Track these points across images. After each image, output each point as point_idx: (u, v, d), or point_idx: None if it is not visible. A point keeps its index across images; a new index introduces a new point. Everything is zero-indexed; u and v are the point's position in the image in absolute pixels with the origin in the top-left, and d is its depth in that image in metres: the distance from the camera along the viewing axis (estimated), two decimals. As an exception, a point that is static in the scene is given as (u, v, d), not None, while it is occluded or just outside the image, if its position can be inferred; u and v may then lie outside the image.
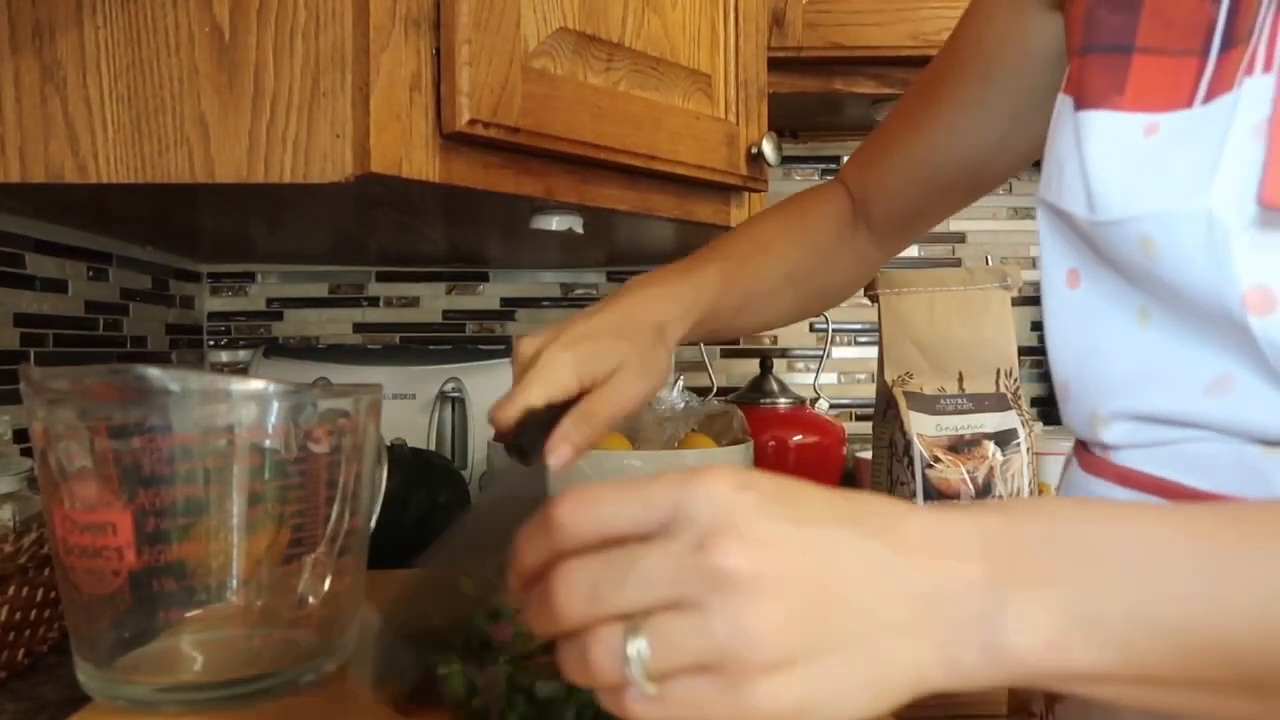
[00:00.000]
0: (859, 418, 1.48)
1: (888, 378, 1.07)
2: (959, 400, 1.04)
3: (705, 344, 1.43)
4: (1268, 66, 0.42)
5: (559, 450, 0.54)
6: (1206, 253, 0.43)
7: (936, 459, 0.99)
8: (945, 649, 0.32)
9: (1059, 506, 0.35)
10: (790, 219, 0.74)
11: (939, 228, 1.49)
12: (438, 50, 0.69)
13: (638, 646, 0.30)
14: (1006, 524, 0.34)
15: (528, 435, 0.54)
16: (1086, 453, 0.56)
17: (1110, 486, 0.52)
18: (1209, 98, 0.45)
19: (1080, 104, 0.49)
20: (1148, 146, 0.46)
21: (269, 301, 1.43)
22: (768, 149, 0.92)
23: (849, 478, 1.29)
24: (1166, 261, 0.45)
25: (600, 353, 0.57)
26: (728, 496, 0.31)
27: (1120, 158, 0.47)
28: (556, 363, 0.56)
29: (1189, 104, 0.45)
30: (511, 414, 0.54)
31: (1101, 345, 0.51)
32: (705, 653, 0.30)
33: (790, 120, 1.39)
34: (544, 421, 0.54)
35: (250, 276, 1.43)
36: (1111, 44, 0.48)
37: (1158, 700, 0.34)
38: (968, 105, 0.67)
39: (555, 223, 0.89)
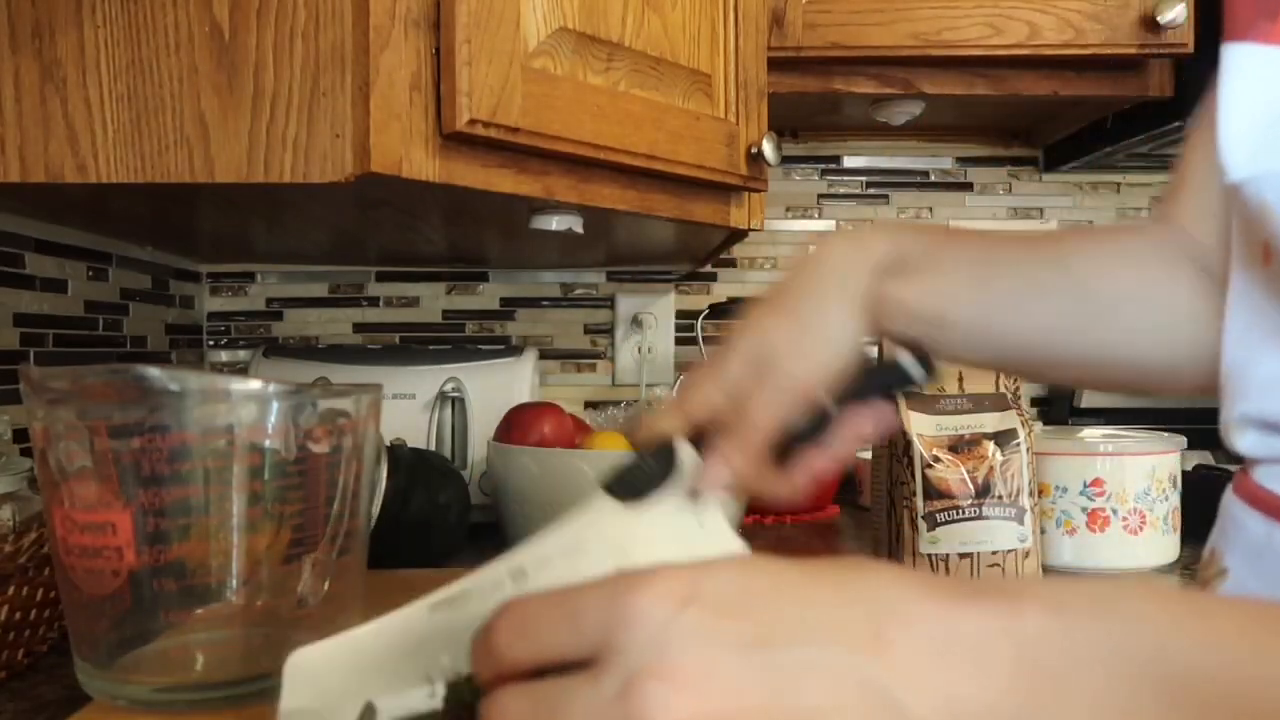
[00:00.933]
0: (859, 418, 1.48)
1: (887, 378, 1.06)
2: (958, 400, 1.04)
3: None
4: None
5: (712, 476, 0.44)
6: None
7: (936, 459, 0.99)
8: None
9: (1120, 601, 0.27)
10: (1088, 232, 0.59)
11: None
12: (437, 50, 0.69)
13: None
14: (1048, 626, 0.27)
15: (645, 467, 0.45)
16: (1242, 472, 0.47)
17: (1243, 507, 0.45)
18: None
19: (1227, 33, 0.41)
20: None
21: (269, 301, 1.43)
22: (768, 149, 0.92)
23: (849, 478, 1.29)
24: None
25: (742, 342, 0.47)
26: (662, 620, 0.27)
27: (1260, 103, 0.38)
28: (698, 379, 0.47)
29: None
30: (636, 438, 0.46)
31: (1269, 336, 0.42)
32: None
33: (790, 120, 1.39)
34: (664, 453, 0.45)
35: (250, 276, 1.42)
36: None
37: None
38: None
39: (555, 223, 0.89)
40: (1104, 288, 0.52)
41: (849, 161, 1.49)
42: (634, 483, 0.44)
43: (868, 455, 1.21)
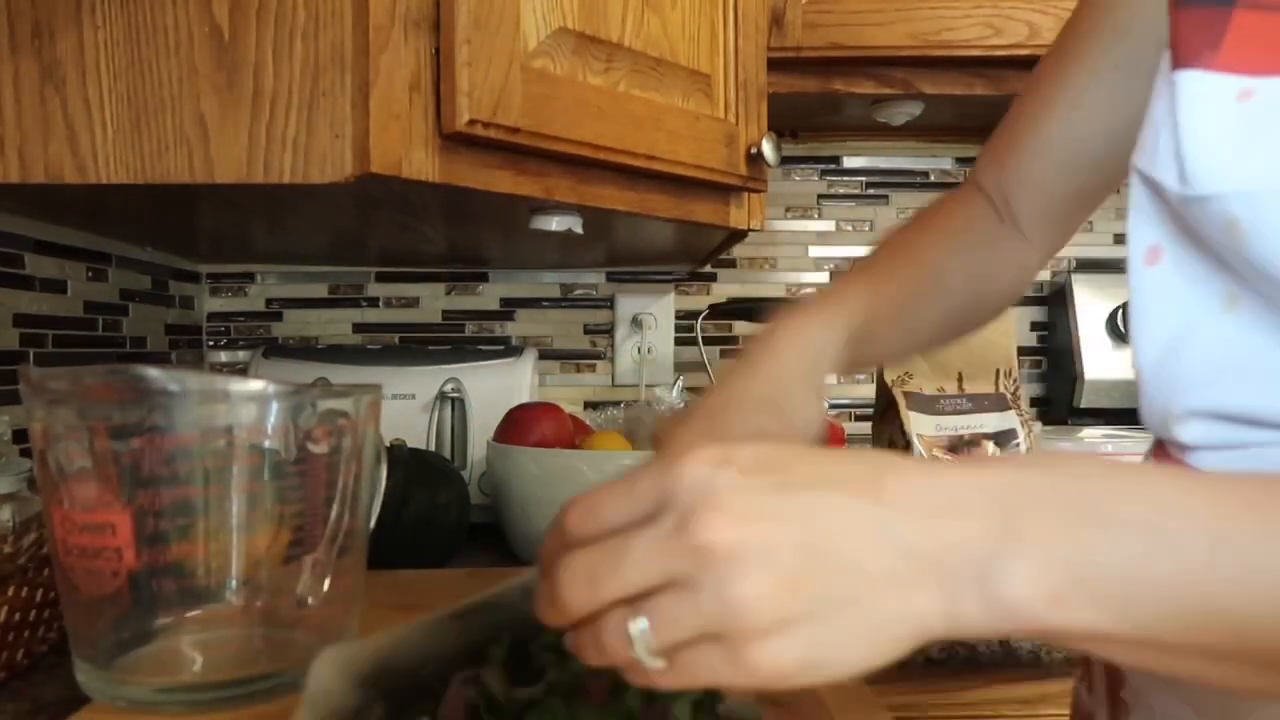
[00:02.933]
0: (859, 418, 1.48)
1: (887, 378, 1.07)
2: (958, 400, 1.04)
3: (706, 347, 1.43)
4: None
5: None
6: None
7: (935, 459, 0.99)
8: (943, 600, 0.32)
9: (1072, 462, 0.35)
10: (933, 223, 0.68)
11: (938, 228, 1.49)
12: (437, 50, 0.69)
13: (639, 627, 0.32)
14: (1012, 477, 0.34)
15: None
16: (1163, 452, 0.51)
17: None
18: None
19: (1175, 62, 0.45)
20: (1240, 114, 0.42)
21: (268, 302, 1.43)
22: (767, 149, 0.92)
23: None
24: (1254, 246, 0.41)
25: (737, 426, 0.52)
26: (706, 474, 0.33)
27: (1211, 125, 0.42)
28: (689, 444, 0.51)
29: None
30: None
31: (1182, 331, 0.47)
32: (702, 625, 0.32)
33: (790, 120, 1.39)
34: None
35: (250, 277, 1.42)
36: None
37: (1160, 664, 0.34)
38: (1100, 70, 0.59)
39: (555, 223, 0.89)
40: (958, 283, 0.65)
41: (849, 162, 1.49)
42: None
43: (867, 455, 1.21)
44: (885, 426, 1.08)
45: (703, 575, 0.31)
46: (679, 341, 1.46)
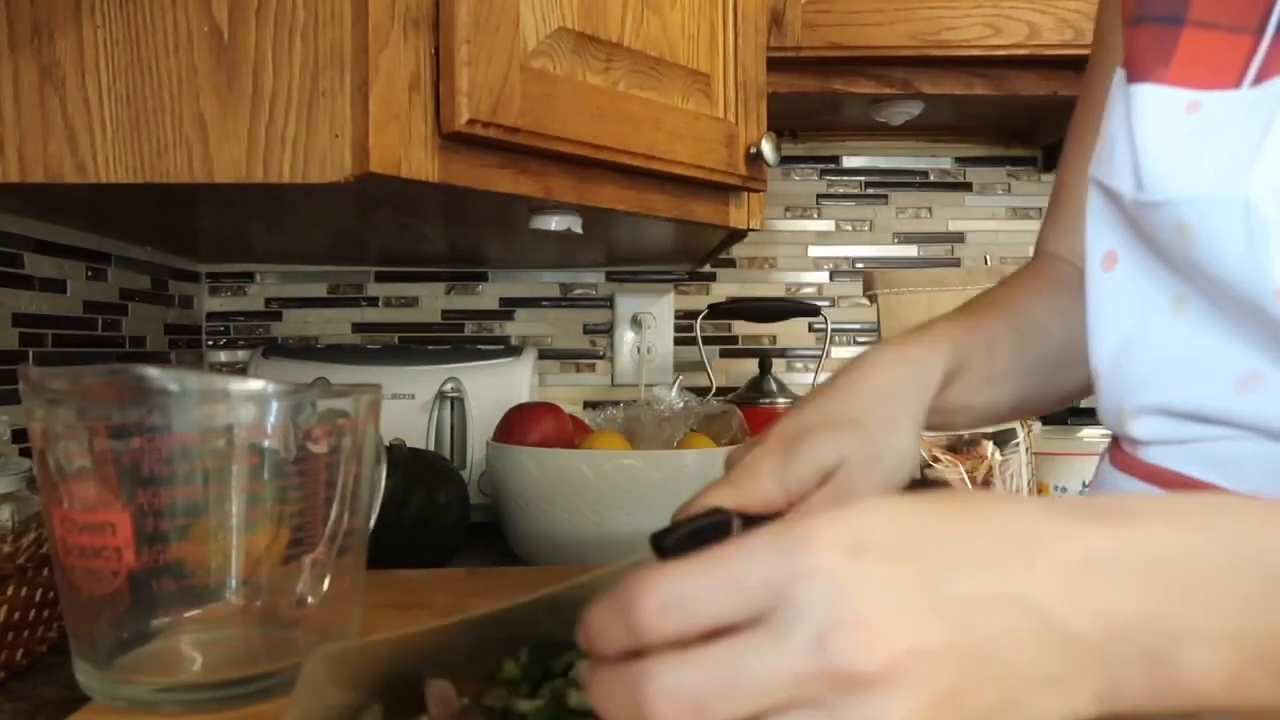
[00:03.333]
0: (858, 417, 1.48)
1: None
2: (958, 400, 1.04)
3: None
4: None
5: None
6: (1243, 243, 0.40)
7: (935, 459, 0.99)
8: (1104, 688, 0.29)
9: (1219, 509, 0.31)
10: (1018, 280, 0.64)
11: (938, 228, 1.49)
12: (437, 50, 0.69)
13: None
14: (1169, 539, 0.30)
15: (697, 529, 0.42)
16: (1119, 449, 0.53)
17: (1140, 485, 0.50)
18: (1260, 79, 0.42)
19: (1130, 77, 0.47)
20: (1189, 125, 0.43)
21: (268, 301, 1.43)
22: (767, 149, 0.92)
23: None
24: (1202, 249, 0.42)
25: (813, 451, 0.47)
26: (841, 574, 0.27)
27: (1164, 135, 0.44)
28: (757, 470, 0.46)
29: (1237, 84, 0.43)
30: (685, 512, 0.45)
31: (1134, 333, 0.48)
32: None
33: (789, 120, 1.39)
34: (715, 527, 0.42)
35: (249, 276, 1.42)
36: (1163, 15, 0.46)
37: None
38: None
39: (554, 223, 0.89)
40: (1055, 329, 0.61)
41: (848, 161, 1.49)
42: (683, 545, 0.40)
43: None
44: (885, 426, 1.08)
45: (849, 705, 0.26)
46: (678, 341, 1.46)
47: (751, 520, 0.40)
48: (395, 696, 0.44)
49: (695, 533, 0.40)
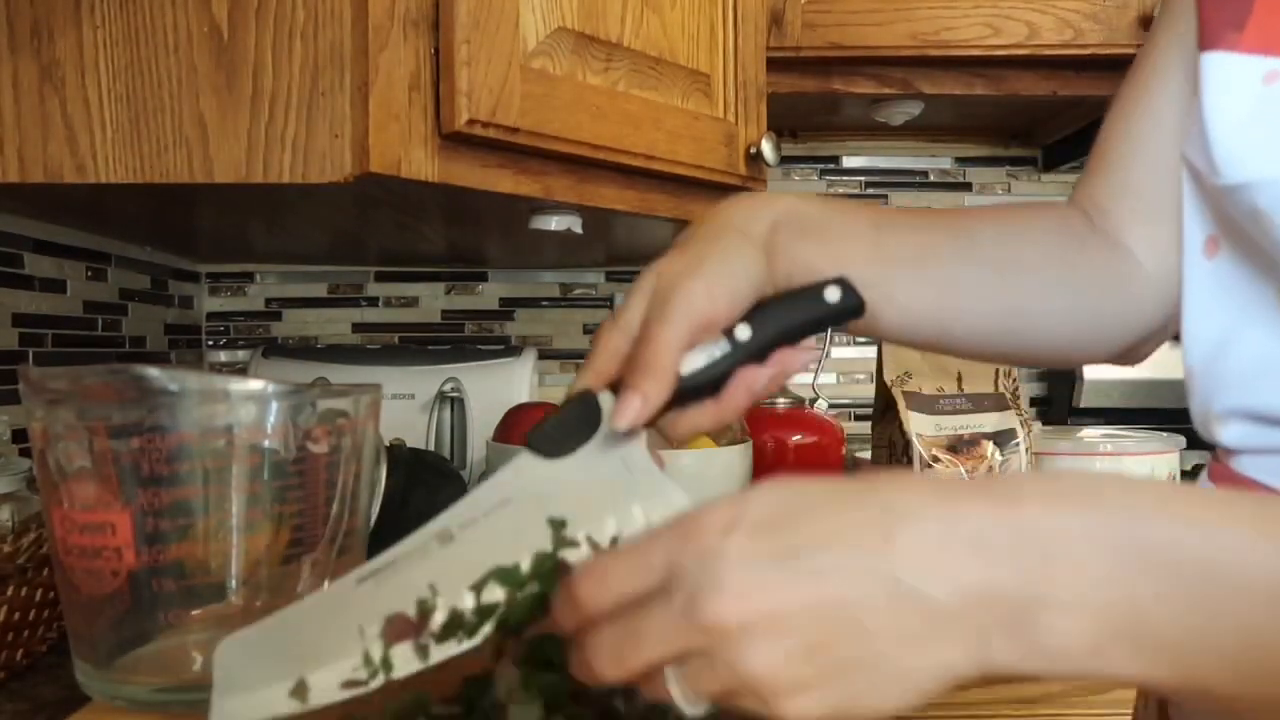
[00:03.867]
0: (858, 418, 1.48)
1: (887, 378, 1.07)
2: (958, 400, 1.04)
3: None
4: None
5: (624, 410, 0.42)
6: None
7: (935, 459, 0.99)
8: (973, 649, 0.31)
9: (1106, 490, 0.32)
10: (989, 208, 0.58)
11: (938, 227, 1.49)
12: (436, 50, 0.69)
13: (676, 687, 0.33)
14: (1041, 515, 0.31)
15: (564, 420, 0.45)
16: (1215, 459, 0.48)
17: None
18: None
19: (1200, 43, 0.43)
20: (1265, 97, 0.39)
21: (268, 301, 1.43)
22: (766, 149, 0.92)
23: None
24: (1276, 238, 0.39)
25: (638, 286, 0.46)
26: (712, 548, 0.32)
27: (1236, 111, 0.40)
28: (601, 336, 0.46)
29: None
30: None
31: (1234, 327, 0.44)
32: (729, 687, 0.32)
33: (789, 120, 1.39)
34: (584, 404, 0.45)
35: (249, 276, 1.42)
36: None
37: (1213, 706, 0.33)
38: (1185, 56, 0.51)
39: (554, 223, 0.89)
40: (1007, 257, 0.53)
41: (848, 161, 1.49)
42: (555, 436, 0.45)
43: (867, 455, 1.21)
44: (885, 426, 1.08)
45: (716, 651, 0.32)
46: (678, 341, 1.46)
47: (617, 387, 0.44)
48: (314, 665, 0.42)
49: (562, 422, 0.44)
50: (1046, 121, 1.38)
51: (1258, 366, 0.43)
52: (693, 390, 0.45)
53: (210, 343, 1.42)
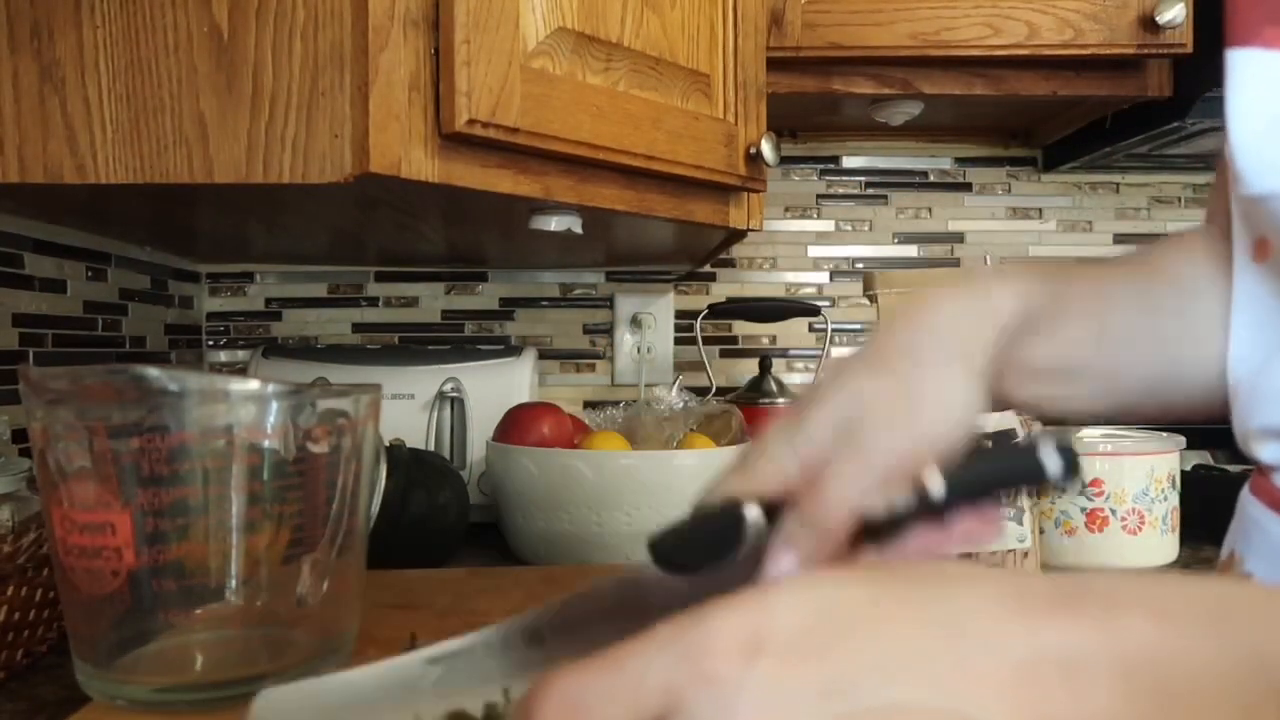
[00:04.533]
0: (858, 417, 1.48)
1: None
2: (958, 400, 1.04)
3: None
4: None
5: (776, 562, 0.35)
6: None
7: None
8: None
9: (1241, 607, 0.25)
10: (1134, 256, 0.51)
11: (937, 228, 1.49)
12: (436, 50, 0.69)
13: None
14: (1162, 636, 0.24)
15: (701, 533, 0.37)
16: (1258, 471, 0.45)
17: (1266, 513, 0.44)
18: None
19: (1229, 39, 0.39)
20: None
21: (268, 301, 1.43)
22: (766, 149, 0.92)
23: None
24: None
25: (825, 401, 0.37)
26: (729, 677, 0.24)
27: (1266, 115, 0.37)
28: (767, 441, 0.38)
29: None
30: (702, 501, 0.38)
31: (1267, 341, 0.41)
32: None
33: (789, 120, 1.39)
34: (727, 519, 0.37)
35: (249, 276, 1.42)
36: None
37: None
38: None
39: (554, 223, 0.89)
40: (1204, 289, 0.47)
41: (848, 162, 1.49)
42: (686, 549, 0.37)
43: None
44: (884, 426, 1.08)
45: None
46: (678, 341, 1.46)
47: (773, 508, 0.36)
48: None
49: (695, 533, 0.36)
50: (1046, 121, 1.38)
51: None
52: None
53: (210, 343, 1.42)
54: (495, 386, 1.24)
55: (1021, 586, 0.26)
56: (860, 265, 1.49)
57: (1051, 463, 0.37)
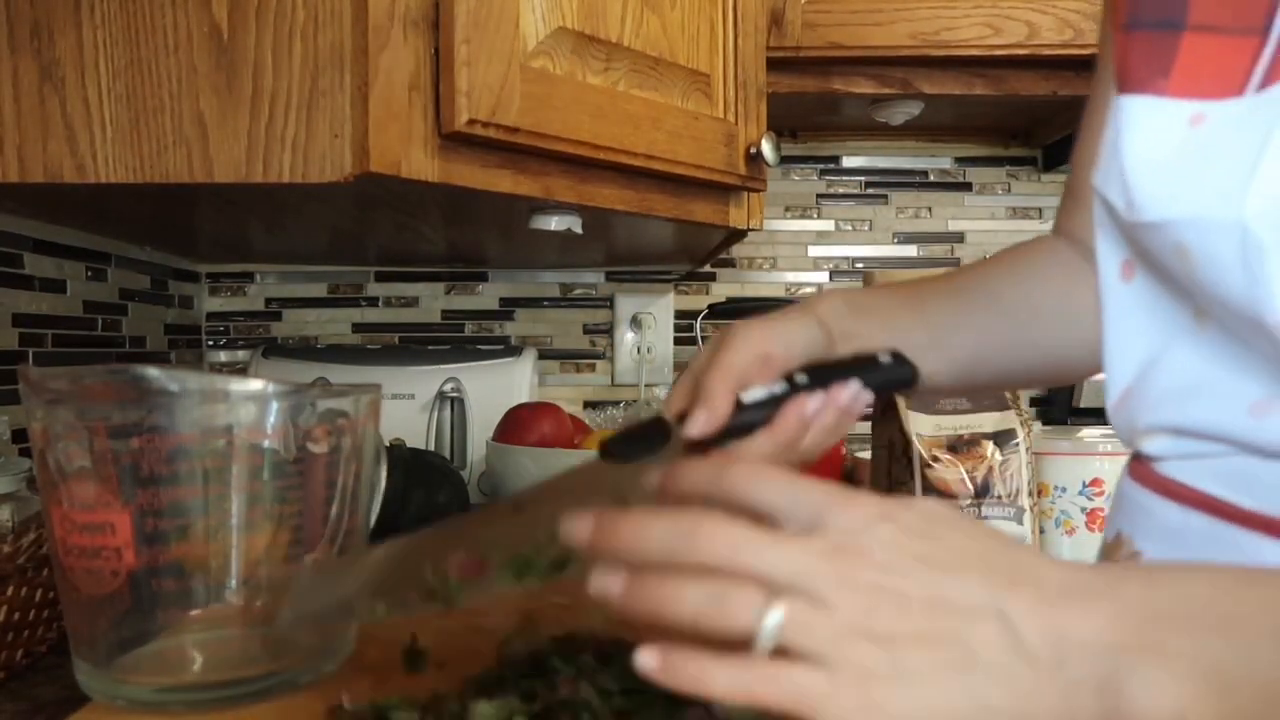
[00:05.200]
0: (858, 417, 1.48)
1: (887, 377, 1.06)
2: (958, 400, 1.04)
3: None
4: None
5: (694, 421, 0.47)
6: (1241, 266, 0.38)
7: (935, 459, 0.99)
8: (1054, 707, 0.31)
9: (1197, 571, 0.34)
10: (997, 258, 0.63)
11: (937, 228, 1.49)
12: (436, 50, 0.69)
13: (775, 618, 0.32)
14: (1142, 590, 0.33)
15: (639, 433, 0.49)
16: (1137, 460, 0.52)
17: (1153, 497, 0.49)
18: (1265, 84, 0.39)
19: (1121, 87, 0.44)
20: (1192, 140, 0.41)
21: (268, 301, 1.43)
22: (766, 149, 0.92)
23: (848, 477, 1.29)
24: (1201, 271, 0.40)
25: (718, 336, 0.52)
26: (865, 521, 0.34)
27: (1160, 152, 0.42)
28: (678, 381, 0.51)
29: (1241, 91, 0.40)
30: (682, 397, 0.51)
31: (1157, 350, 0.46)
32: (821, 647, 0.32)
33: (789, 120, 1.39)
34: (656, 425, 0.49)
35: (249, 276, 1.42)
36: (1160, 19, 0.43)
37: None
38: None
39: (554, 223, 0.89)
40: (1024, 305, 0.59)
41: (848, 161, 1.49)
42: (624, 446, 0.48)
43: (867, 455, 1.21)
44: (885, 427, 1.08)
45: (843, 602, 0.32)
46: (678, 341, 1.46)
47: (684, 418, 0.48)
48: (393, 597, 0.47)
49: (631, 435, 0.49)
50: (1046, 121, 1.38)
51: (1184, 386, 0.45)
52: (757, 424, 0.49)
53: (210, 343, 1.42)
54: (495, 386, 1.24)
55: (1074, 563, 0.35)
56: (860, 265, 1.49)
57: (885, 358, 0.51)
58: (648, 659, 0.33)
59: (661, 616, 0.33)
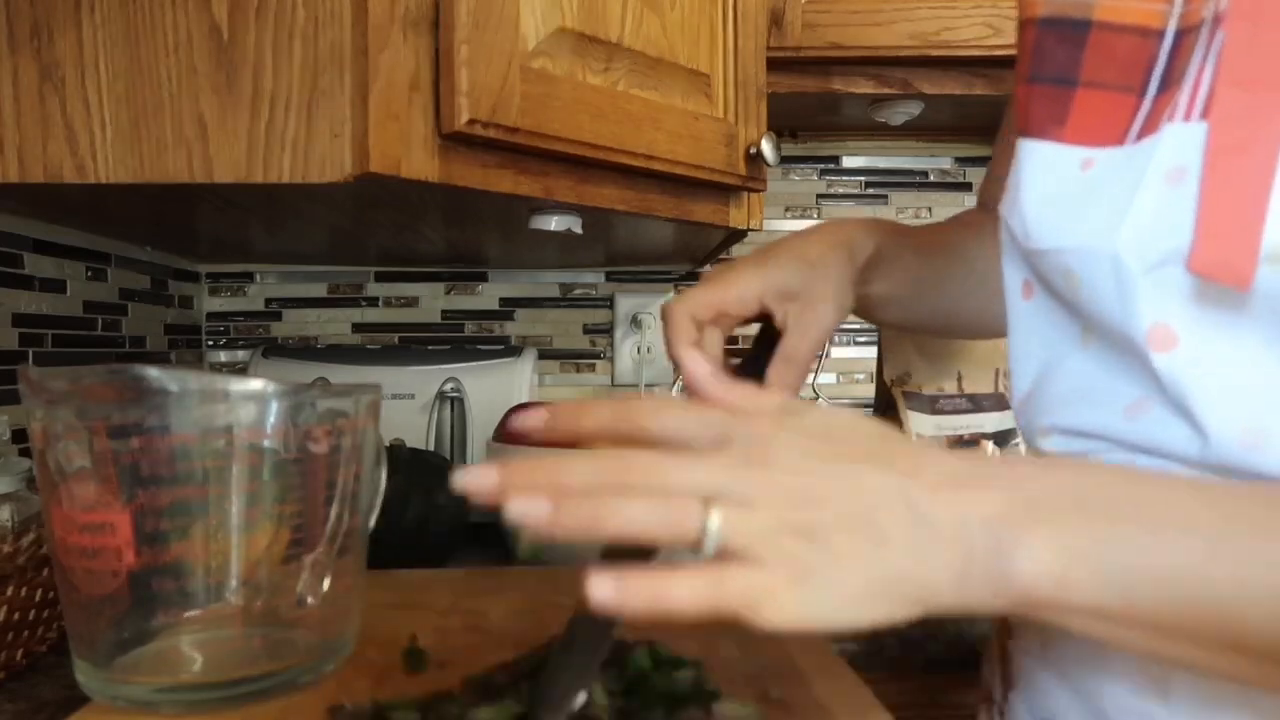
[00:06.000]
0: (858, 417, 1.48)
1: (886, 378, 1.07)
2: (957, 400, 1.04)
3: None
4: (1188, 114, 0.43)
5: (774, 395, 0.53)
6: (1115, 291, 0.44)
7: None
8: (956, 573, 0.36)
9: (1094, 464, 0.40)
10: (957, 221, 0.73)
11: (938, 227, 1.49)
12: (436, 50, 0.69)
13: (717, 518, 0.35)
14: (1036, 472, 0.39)
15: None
16: (1032, 453, 0.58)
17: None
18: (1140, 136, 0.45)
19: (1023, 131, 0.50)
20: (1082, 181, 0.47)
21: (268, 301, 1.43)
22: (766, 149, 0.92)
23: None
24: (1085, 294, 0.47)
25: (784, 268, 0.61)
26: (769, 430, 0.38)
27: (1054, 189, 0.48)
28: (741, 273, 0.60)
29: (1121, 141, 0.46)
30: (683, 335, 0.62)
31: (1050, 361, 0.52)
32: (756, 543, 0.35)
33: (789, 120, 1.39)
34: None
35: (249, 276, 1.42)
36: (1057, 76, 0.49)
37: (1149, 645, 0.38)
38: None
39: (554, 223, 0.89)
40: (979, 263, 0.69)
41: (848, 161, 1.49)
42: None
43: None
44: (884, 426, 1.08)
45: (763, 502, 0.36)
46: (678, 341, 1.46)
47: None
48: None
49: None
50: (1046, 121, 1.38)
51: (1072, 392, 0.50)
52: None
53: (210, 343, 1.42)
54: (495, 386, 1.24)
55: (971, 455, 0.41)
56: (860, 265, 1.48)
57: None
58: (602, 587, 0.34)
59: (598, 533, 0.36)
